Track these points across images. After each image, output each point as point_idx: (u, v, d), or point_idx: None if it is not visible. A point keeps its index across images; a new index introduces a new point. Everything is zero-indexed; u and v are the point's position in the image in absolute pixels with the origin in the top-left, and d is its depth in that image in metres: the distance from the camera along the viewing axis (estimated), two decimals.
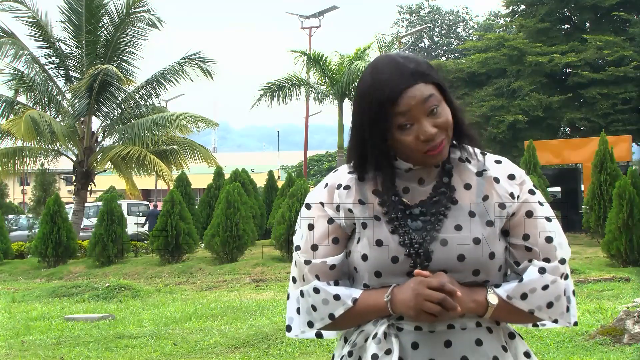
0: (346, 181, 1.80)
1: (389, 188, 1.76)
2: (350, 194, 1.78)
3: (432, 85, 1.73)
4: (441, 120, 1.71)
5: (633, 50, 29.34)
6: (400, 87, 1.70)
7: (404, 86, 1.70)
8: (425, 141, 1.70)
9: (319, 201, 1.81)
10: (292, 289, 1.84)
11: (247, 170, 23.91)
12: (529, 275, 1.73)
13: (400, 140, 1.72)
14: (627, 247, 12.15)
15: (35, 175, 25.82)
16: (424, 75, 1.73)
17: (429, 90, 1.71)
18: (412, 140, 1.71)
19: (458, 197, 1.75)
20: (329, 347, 6.90)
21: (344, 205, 1.77)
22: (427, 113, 1.70)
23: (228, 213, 16.41)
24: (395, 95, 1.69)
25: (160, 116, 22.39)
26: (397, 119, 1.70)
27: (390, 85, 1.70)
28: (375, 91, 1.71)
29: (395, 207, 1.74)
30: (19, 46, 22.11)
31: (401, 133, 1.71)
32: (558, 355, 6.11)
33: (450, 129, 1.73)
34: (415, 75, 1.71)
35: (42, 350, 7.53)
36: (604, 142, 15.04)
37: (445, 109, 1.73)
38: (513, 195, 1.76)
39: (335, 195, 1.79)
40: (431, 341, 1.70)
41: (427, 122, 1.70)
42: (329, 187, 1.81)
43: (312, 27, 34.66)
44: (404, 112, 1.70)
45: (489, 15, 53.60)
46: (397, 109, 1.70)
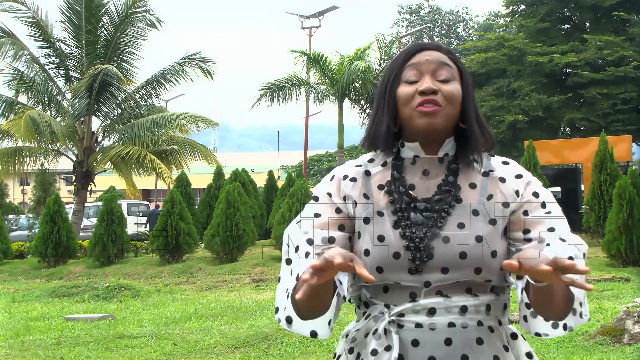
0: (353, 173, 1.81)
1: (396, 178, 1.77)
2: (356, 186, 1.79)
3: (454, 64, 1.78)
4: (448, 88, 1.73)
5: (633, 50, 29.33)
6: (423, 46, 1.80)
7: (427, 46, 1.79)
8: (422, 93, 1.72)
9: (326, 192, 1.81)
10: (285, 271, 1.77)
11: (247, 170, 23.92)
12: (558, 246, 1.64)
13: (402, 93, 1.75)
14: (627, 247, 12.16)
15: (35, 175, 25.80)
16: (451, 53, 1.80)
17: (448, 62, 1.77)
18: (411, 92, 1.74)
19: (462, 196, 1.75)
20: (329, 347, 6.90)
21: (350, 196, 1.78)
22: (436, 76, 1.74)
23: (228, 213, 16.41)
24: (415, 49, 1.79)
25: (160, 116, 22.40)
26: (407, 72, 1.76)
27: (416, 45, 1.81)
28: (404, 49, 1.82)
29: (401, 199, 1.75)
30: (19, 46, 22.12)
31: (406, 86, 1.75)
32: (558, 355, 6.11)
33: (453, 105, 1.74)
34: (441, 47, 1.80)
35: (42, 350, 7.53)
36: (604, 142, 15.04)
37: (457, 89, 1.75)
38: (518, 192, 1.76)
39: (342, 185, 1.80)
40: (431, 339, 1.69)
41: (432, 80, 1.74)
42: (335, 179, 1.82)
43: (312, 27, 34.65)
44: (414, 65, 1.76)
45: (489, 15, 53.61)
46: (410, 62, 1.77)
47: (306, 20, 34.94)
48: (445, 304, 1.69)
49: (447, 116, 1.73)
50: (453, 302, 1.69)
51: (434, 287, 1.69)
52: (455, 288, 1.69)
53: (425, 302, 1.69)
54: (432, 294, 1.69)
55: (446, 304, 1.69)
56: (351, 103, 26.48)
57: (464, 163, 1.78)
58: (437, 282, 1.69)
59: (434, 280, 1.68)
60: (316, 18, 34.73)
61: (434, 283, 1.69)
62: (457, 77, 1.76)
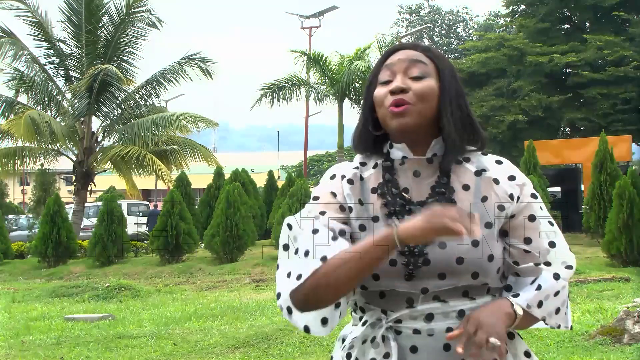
0: (350, 175, 1.79)
1: (388, 180, 1.75)
2: (353, 189, 1.77)
3: (430, 61, 1.76)
4: (417, 86, 1.71)
5: (633, 50, 29.31)
6: (399, 46, 1.81)
7: (403, 46, 1.80)
8: (392, 93, 1.71)
9: (330, 191, 1.77)
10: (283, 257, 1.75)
11: (247, 170, 23.91)
12: (546, 282, 1.73)
13: (376, 95, 1.75)
14: (627, 247, 12.15)
15: (35, 175, 25.81)
16: (429, 50, 1.79)
17: (422, 60, 1.75)
18: (384, 93, 1.73)
19: (457, 198, 1.73)
20: (329, 347, 6.90)
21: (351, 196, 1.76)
22: (408, 75, 1.73)
23: (228, 213, 16.41)
24: (391, 51, 1.81)
25: (160, 116, 22.40)
26: (382, 74, 1.77)
27: (395, 46, 1.82)
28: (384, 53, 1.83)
29: (395, 201, 1.73)
30: (19, 46, 22.12)
31: (380, 88, 1.76)
32: (558, 355, 6.11)
33: (425, 102, 1.71)
34: (418, 46, 1.80)
35: (42, 350, 7.53)
36: (604, 142, 15.04)
37: (430, 86, 1.72)
38: (512, 196, 1.74)
39: (343, 184, 1.78)
40: (430, 344, 1.68)
41: (402, 79, 1.73)
42: (336, 178, 1.80)
43: (312, 27, 34.65)
44: (388, 65, 1.76)
45: (489, 15, 53.61)
46: (385, 63, 1.78)
47: (306, 20, 34.94)
48: (443, 309, 1.68)
49: (419, 113, 1.70)
50: (450, 307, 1.68)
51: (431, 293, 1.68)
52: (453, 293, 1.68)
53: (423, 308, 1.68)
54: (429, 299, 1.68)
55: (444, 309, 1.68)
56: (351, 103, 26.50)
57: (450, 161, 1.75)
58: (434, 288, 1.67)
59: (431, 287, 1.67)
60: (316, 18, 34.73)
61: (432, 289, 1.67)
62: (432, 74, 1.74)
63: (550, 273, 1.74)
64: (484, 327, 1.60)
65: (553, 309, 1.74)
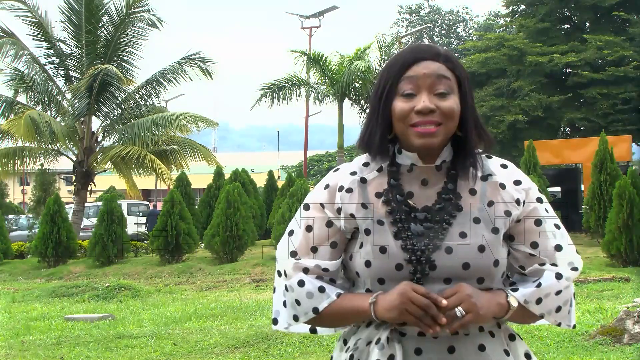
0: (348, 183, 1.76)
1: (393, 186, 1.74)
2: (352, 197, 1.74)
3: (452, 74, 1.71)
4: (445, 105, 1.68)
5: (633, 50, 29.30)
6: (420, 56, 1.71)
7: (423, 56, 1.71)
8: (419, 112, 1.67)
9: (319, 202, 1.77)
10: (279, 282, 1.81)
11: (247, 170, 23.91)
12: (547, 280, 1.74)
13: (397, 109, 1.69)
14: (627, 247, 12.15)
15: (35, 175, 25.82)
16: (449, 60, 1.72)
17: (446, 73, 1.70)
18: (407, 109, 1.69)
19: (463, 203, 1.72)
20: (328, 347, 6.90)
21: (345, 209, 1.74)
22: (434, 91, 1.68)
23: (228, 213, 16.40)
24: (411, 60, 1.71)
25: (160, 116, 22.40)
26: (403, 85, 1.70)
27: (413, 53, 1.72)
28: (399, 56, 1.74)
29: (400, 208, 1.72)
30: (19, 46, 22.12)
31: (402, 101, 1.70)
32: (558, 355, 6.11)
33: (452, 121, 1.69)
34: (440, 55, 1.72)
35: (42, 350, 7.53)
36: (604, 142, 15.03)
37: (455, 102, 1.70)
38: (519, 201, 1.74)
39: (336, 197, 1.75)
40: (434, 347, 1.68)
41: (429, 98, 1.68)
42: (330, 189, 1.77)
43: (312, 27, 34.65)
44: (411, 78, 1.69)
45: (489, 15, 53.60)
46: (407, 74, 1.70)
47: (306, 20, 34.94)
48: (448, 312, 1.67)
49: (445, 133, 1.70)
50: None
51: None
52: None
53: None
54: None
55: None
56: (351, 103, 26.50)
57: (461, 168, 1.75)
58: (439, 292, 1.67)
59: (436, 291, 1.66)
60: (316, 18, 34.73)
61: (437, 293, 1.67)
62: (455, 89, 1.71)
63: (552, 273, 1.75)
64: (466, 299, 1.62)
65: (553, 307, 1.75)
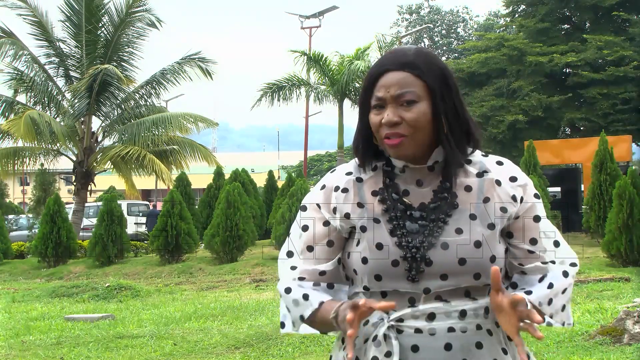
0: (344, 183, 1.78)
1: (389, 185, 1.75)
2: (348, 197, 1.77)
3: (420, 81, 1.71)
4: (409, 116, 1.69)
5: (633, 50, 29.31)
6: (384, 69, 1.74)
7: (387, 68, 1.73)
8: (385, 125, 1.70)
9: (316, 203, 1.80)
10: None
11: (247, 170, 23.91)
12: (557, 280, 1.76)
13: (371, 122, 1.74)
14: (627, 247, 12.15)
15: (35, 175, 25.81)
16: (415, 67, 1.72)
17: (411, 83, 1.71)
18: (377, 122, 1.73)
19: (459, 200, 1.73)
20: (329, 347, 6.89)
21: (341, 209, 1.76)
22: (399, 102, 1.71)
23: (228, 213, 16.40)
24: (377, 73, 1.74)
25: (160, 116, 22.40)
26: (373, 98, 1.74)
27: (379, 65, 1.75)
28: (371, 68, 1.78)
29: (395, 206, 1.73)
30: (19, 46, 22.12)
31: (374, 113, 1.74)
32: (558, 355, 6.11)
33: (420, 130, 1.70)
34: (405, 64, 1.72)
35: (42, 350, 7.53)
36: (604, 142, 15.03)
37: (422, 110, 1.70)
38: (515, 197, 1.75)
39: (332, 197, 1.78)
40: (431, 344, 1.69)
41: (393, 110, 1.70)
42: (326, 189, 1.80)
43: (312, 27, 34.66)
44: (378, 90, 1.73)
45: (489, 15, 53.60)
46: (375, 87, 1.74)
47: (306, 20, 34.94)
48: (445, 308, 1.69)
49: (416, 142, 1.71)
50: (452, 307, 1.69)
51: (433, 293, 1.69)
52: (454, 293, 1.69)
53: (425, 308, 1.69)
54: (431, 299, 1.69)
55: (445, 308, 1.69)
56: (351, 103, 26.49)
57: (455, 167, 1.75)
58: (436, 288, 1.68)
59: (433, 287, 1.68)
60: (316, 18, 34.73)
61: (434, 289, 1.68)
62: (423, 96, 1.70)
63: (559, 271, 1.77)
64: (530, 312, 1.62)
65: (560, 306, 1.77)
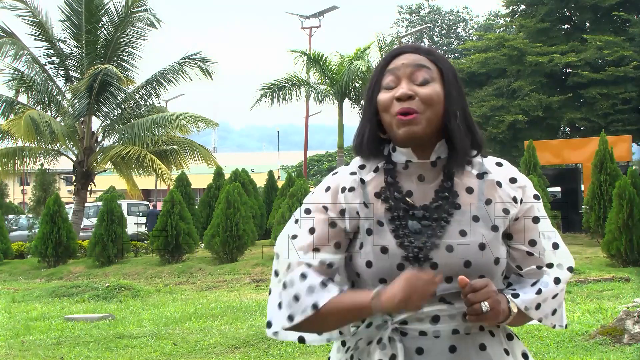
0: (350, 182, 1.76)
1: (391, 184, 1.74)
2: (355, 195, 1.74)
3: (434, 65, 1.74)
4: (425, 91, 1.69)
5: (633, 50, 29.31)
6: (401, 50, 1.76)
7: (404, 50, 1.76)
8: (399, 100, 1.69)
9: (322, 205, 1.75)
10: (275, 284, 1.77)
11: (247, 170, 23.91)
12: (546, 286, 1.75)
13: (381, 100, 1.72)
14: (627, 247, 12.15)
15: (35, 175, 25.81)
16: (431, 53, 1.76)
17: (426, 63, 1.73)
18: (389, 98, 1.71)
19: (460, 201, 1.72)
20: (329, 347, 6.88)
21: (350, 207, 1.73)
22: (414, 80, 1.71)
23: (228, 213, 16.40)
24: (392, 54, 1.76)
25: (160, 116, 22.40)
26: (385, 78, 1.74)
27: (395, 50, 1.78)
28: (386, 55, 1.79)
29: (398, 206, 1.72)
30: (19, 46, 22.12)
31: (384, 92, 1.73)
32: (558, 355, 6.11)
33: (432, 108, 1.69)
34: (421, 49, 1.76)
35: (42, 350, 7.53)
36: (604, 142, 15.03)
37: (436, 90, 1.71)
38: (516, 199, 1.75)
39: (339, 197, 1.75)
40: (436, 346, 1.68)
41: (407, 85, 1.70)
42: (331, 190, 1.76)
43: (312, 27, 34.65)
44: (392, 70, 1.73)
45: (489, 15, 53.57)
46: (388, 67, 1.74)
47: (306, 20, 34.94)
48: (449, 311, 1.69)
49: (428, 120, 1.69)
50: (456, 309, 1.69)
51: (438, 295, 1.68)
52: (459, 295, 1.67)
53: (429, 310, 1.68)
54: (435, 301, 1.68)
55: (450, 311, 1.69)
56: (351, 103, 26.50)
57: (457, 165, 1.74)
58: (440, 290, 1.66)
59: (438, 290, 1.65)
60: (316, 18, 34.73)
61: (438, 292, 1.66)
62: (437, 78, 1.72)
63: (551, 277, 1.76)
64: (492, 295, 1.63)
65: (550, 310, 1.77)
